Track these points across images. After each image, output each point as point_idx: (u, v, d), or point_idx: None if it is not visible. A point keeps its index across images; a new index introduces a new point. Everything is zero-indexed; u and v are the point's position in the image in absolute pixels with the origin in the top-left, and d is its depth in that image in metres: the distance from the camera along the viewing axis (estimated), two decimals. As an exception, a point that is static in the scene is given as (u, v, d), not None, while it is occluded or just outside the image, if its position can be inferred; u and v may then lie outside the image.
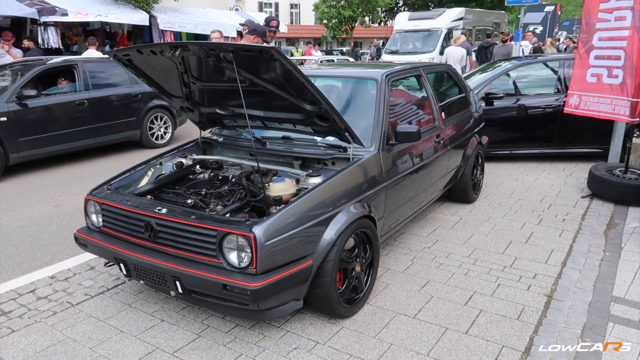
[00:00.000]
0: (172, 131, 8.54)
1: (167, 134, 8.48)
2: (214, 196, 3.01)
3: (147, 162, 3.55)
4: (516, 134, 6.69)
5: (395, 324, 2.94)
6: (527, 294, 3.27)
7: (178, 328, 2.92)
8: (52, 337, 2.84)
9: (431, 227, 4.46)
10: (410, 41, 17.59)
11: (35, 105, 6.56)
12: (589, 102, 5.30)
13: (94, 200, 3.05)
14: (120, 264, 2.86)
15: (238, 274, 2.47)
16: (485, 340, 2.77)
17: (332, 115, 2.92)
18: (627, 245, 3.98)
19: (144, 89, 7.81)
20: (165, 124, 8.42)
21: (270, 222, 2.50)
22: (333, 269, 2.76)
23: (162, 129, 8.38)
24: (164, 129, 8.43)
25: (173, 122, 8.56)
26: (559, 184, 5.71)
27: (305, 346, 2.74)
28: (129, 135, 7.88)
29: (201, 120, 3.75)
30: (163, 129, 8.40)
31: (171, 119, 8.50)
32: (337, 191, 2.89)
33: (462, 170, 4.80)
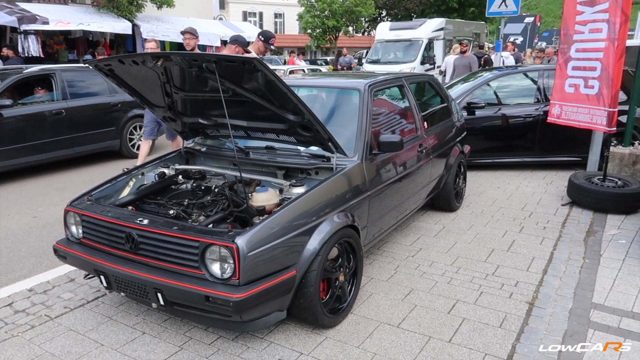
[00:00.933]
0: (153, 141, 8.35)
1: None
2: (197, 206, 2.99)
3: (128, 173, 3.51)
4: (497, 143, 6.78)
5: (379, 333, 2.94)
6: (509, 302, 3.30)
7: (160, 341, 2.88)
8: (30, 351, 2.78)
9: (414, 236, 4.49)
10: (392, 51, 17.67)
11: (11, 115, 6.41)
12: (569, 112, 5.41)
13: (74, 212, 3.00)
14: (100, 276, 2.82)
15: (221, 285, 2.45)
16: (469, 349, 2.78)
17: (315, 125, 2.93)
18: (606, 253, 4.04)
19: (123, 98, 7.70)
20: None
21: (254, 232, 2.49)
22: (317, 279, 2.75)
23: (142, 138, 8.03)
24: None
25: None
26: (540, 192, 5.80)
27: (289, 357, 2.72)
28: (108, 145, 7.75)
29: (184, 130, 3.73)
30: (143, 138, 8.21)
31: None
32: (321, 201, 2.90)
33: (444, 179, 4.84)
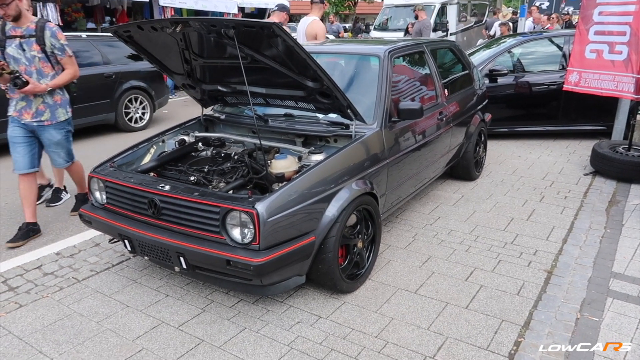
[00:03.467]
0: (151, 114, 8.18)
1: (146, 116, 8.10)
2: (217, 173, 3.02)
3: (149, 140, 3.55)
4: (520, 111, 6.65)
5: (397, 299, 2.99)
6: (527, 270, 3.30)
7: (183, 303, 2.97)
8: (59, 311, 2.90)
9: (433, 205, 4.48)
10: (402, 17, 16.38)
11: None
12: (589, 79, 5.25)
13: (98, 178, 3.06)
14: (124, 241, 2.90)
15: (241, 249, 2.49)
16: (485, 315, 2.81)
17: (334, 92, 2.91)
18: (629, 222, 3.99)
19: (118, 68, 7.48)
20: (143, 107, 8.02)
21: (273, 198, 2.52)
22: (335, 245, 2.78)
23: (139, 111, 7.99)
24: (142, 111, 8.04)
25: (151, 104, 8.14)
26: (562, 162, 5.70)
27: (307, 320, 2.78)
28: (102, 119, 7.46)
29: (203, 97, 3.74)
30: (140, 111, 8.01)
31: (149, 101, 8.08)
32: (339, 168, 2.90)
33: (464, 148, 4.79)
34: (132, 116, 7.89)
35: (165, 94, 8.61)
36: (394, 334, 2.64)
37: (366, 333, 2.66)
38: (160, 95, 8.42)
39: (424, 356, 2.47)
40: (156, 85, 8.27)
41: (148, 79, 8.05)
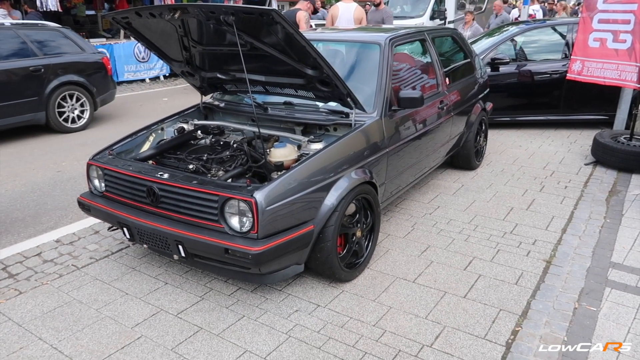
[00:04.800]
0: (91, 113, 7.14)
1: (85, 114, 7.05)
2: (216, 161, 3.01)
3: (148, 128, 3.54)
4: (521, 100, 6.61)
5: (395, 287, 2.99)
6: (526, 260, 3.30)
7: (181, 291, 2.97)
8: (59, 298, 2.91)
9: (433, 194, 4.47)
10: (398, 4, 16.07)
11: None
12: (592, 68, 5.20)
13: (96, 165, 3.06)
14: (123, 229, 2.90)
15: (240, 238, 2.49)
16: (483, 304, 2.81)
17: (334, 80, 2.88)
18: (628, 212, 3.99)
19: (47, 61, 6.49)
20: (81, 104, 6.98)
21: (272, 187, 2.51)
22: (334, 234, 2.78)
23: (76, 110, 6.93)
24: (80, 109, 6.99)
25: (92, 101, 7.10)
26: (563, 151, 5.68)
27: (306, 309, 2.79)
28: (29, 119, 6.41)
29: (202, 85, 3.72)
30: (78, 110, 6.96)
31: (89, 98, 7.06)
32: (339, 157, 2.89)
33: (465, 137, 4.77)
34: (68, 116, 6.85)
35: (110, 90, 7.55)
36: (392, 323, 2.65)
37: (364, 321, 2.67)
38: (103, 91, 7.37)
39: (421, 345, 2.48)
40: (98, 80, 7.21)
41: (87, 73, 7.04)
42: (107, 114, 7.98)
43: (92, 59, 7.24)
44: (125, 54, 10.84)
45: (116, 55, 10.65)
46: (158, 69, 11.60)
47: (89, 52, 7.25)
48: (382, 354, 2.41)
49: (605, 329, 2.57)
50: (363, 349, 2.45)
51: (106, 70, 7.40)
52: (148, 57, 11.26)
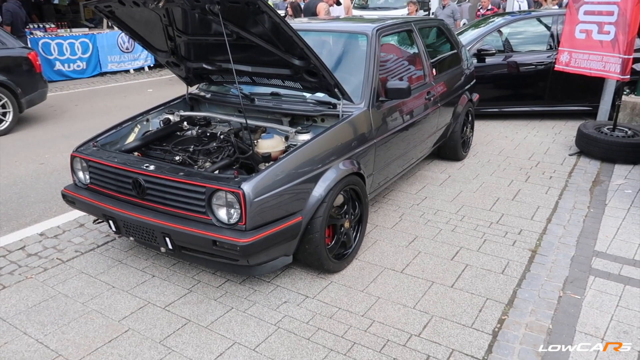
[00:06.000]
0: (15, 114, 6.34)
1: (8, 117, 6.26)
2: (202, 153, 2.98)
3: (133, 119, 3.49)
4: (507, 91, 6.65)
5: (383, 278, 3.00)
6: (512, 249, 3.34)
7: (169, 283, 2.95)
8: (44, 292, 2.87)
9: (420, 185, 4.49)
10: None
11: None
12: (579, 59, 5.25)
13: (80, 157, 3.01)
14: (109, 221, 2.86)
15: (227, 230, 2.48)
16: (470, 294, 2.84)
17: (321, 70, 2.87)
18: (612, 202, 4.05)
19: None
20: (2, 106, 6.21)
21: (259, 178, 2.50)
22: (322, 225, 2.78)
23: None
24: (1, 112, 6.22)
25: (16, 103, 6.30)
26: (548, 142, 5.74)
27: (295, 300, 2.79)
28: None
29: (188, 75, 3.67)
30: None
31: (12, 100, 6.26)
32: (327, 148, 2.88)
33: (451, 128, 4.79)
34: None
35: (39, 89, 6.73)
36: (380, 313, 2.67)
37: (352, 312, 2.68)
38: (30, 90, 6.55)
39: (409, 334, 2.49)
40: (23, 78, 6.41)
41: (9, 71, 6.28)
42: (87, 106, 7.87)
43: (15, 54, 6.39)
44: (108, 44, 10.67)
45: (99, 45, 10.48)
46: (142, 59, 11.44)
47: (12, 46, 6.41)
48: (370, 343, 2.43)
49: (589, 317, 2.62)
50: (352, 339, 2.46)
51: (34, 67, 6.55)
52: (132, 48, 11.09)
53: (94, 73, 10.54)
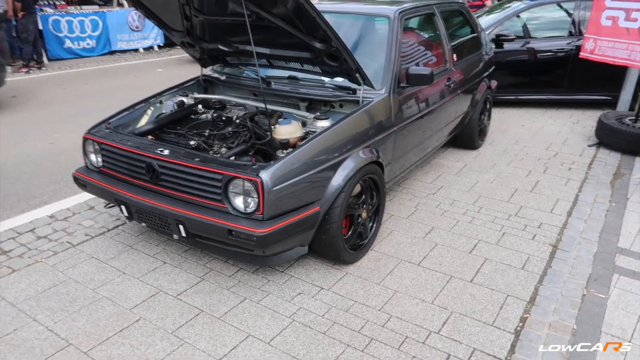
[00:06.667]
0: None
1: None
2: (218, 138, 2.89)
3: (146, 101, 3.39)
4: (524, 78, 6.48)
5: (400, 270, 2.93)
6: (532, 244, 3.24)
7: (181, 271, 2.89)
8: (54, 277, 2.81)
9: (435, 174, 4.39)
10: None
11: None
12: (604, 47, 5.07)
13: (93, 140, 2.92)
14: (121, 206, 2.79)
15: (244, 219, 2.40)
16: (490, 289, 2.76)
17: (343, 54, 2.74)
18: (634, 196, 3.93)
19: None
20: None
21: (278, 166, 2.40)
22: (340, 216, 2.69)
23: None
24: None
25: None
26: (566, 132, 5.60)
27: (309, 291, 2.72)
28: None
29: (202, 56, 3.56)
30: None
31: None
32: (346, 135, 2.78)
33: (469, 116, 4.66)
34: None
35: None
36: (398, 308, 2.59)
37: (369, 306, 2.60)
38: None
39: (428, 331, 2.42)
40: None
41: None
42: (97, 85, 7.76)
43: None
44: (118, 22, 10.50)
45: (109, 23, 10.32)
46: (152, 38, 11.28)
47: None
48: (388, 340, 2.36)
49: (614, 318, 2.53)
50: (369, 334, 2.39)
51: None
52: (142, 26, 10.93)
53: (104, 51, 10.41)
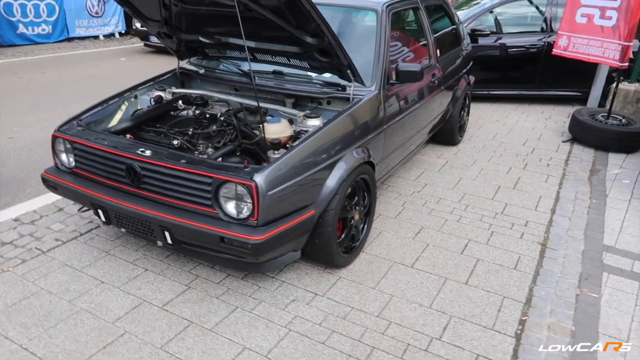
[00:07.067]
0: None
1: None
2: (202, 137, 2.71)
3: (120, 95, 3.16)
4: (497, 74, 6.51)
5: (394, 273, 2.85)
6: (521, 242, 3.23)
7: (164, 278, 2.71)
8: (24, 288, 2.58)
9: (418, 170, 4.34)
10: None
11: None
12: (578, 44, 5.13)
13: (64, 138, 2.69)
14: (98, 210, 2.58)
15: (237, 225, 2.25)
16: (486, 291, 2.72)
17: (336, 50, 2.62)
18: (612, 193, 3.99)
19: None
20: None
21: (272, 169, 2.26)
22: (334, 219, 2.58)
23: None
24: None
25: None
26: (540, 127, 5.66)
27: (303, 298, 2.60)
28: None
29: (180, 48, 3.35)
30: None
31: None
32: (340, 135, 2.66)
33: (450, 112, 4.62)
34: None
35: None
36: (396, 313, 2.51)
37: (367, 312, 2.51)
38: None
39: (430, 337, 2.35)
40: None
41: None
42: (56, 74, 7.32)
43: None
44: (76, 7, 9.98)
45: (66, 8, 9.79)
46: (113, 25, 10.79)
47: None
48: (390, 348, 2.27)
49: (609, 317, 2.53)
50: (370, 343, 2.30)
51: None
52: (102, 12, 10.43)
53: (61, 38, 9.87)
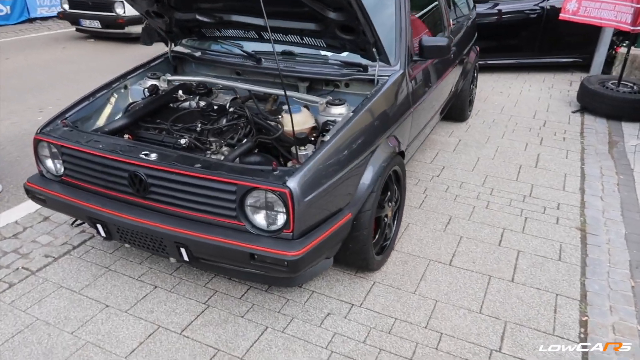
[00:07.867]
0: None
1: None
2: (212, 133, 2.35)
3: (107, 86, 2.75)
4: (496, 42, 6.21)
5: (432, 273, 2.57)
6: (558, 229, 2.99)
7: (178, 296, 2.38)
8: (16, 320, 2.21)
9: (432, 152, 4.05)
10: None
11: None
12: (590, 8, 4.85)
13: (49, 142, 2.29)
14: (96, 225, 2.21)
15: (268, 239, 1.92)
16: (536, 289, 2.47)
17: (363, 25, 2.26)
18: (637, 167, 3.79)
19: None
20: None
21: (306, 170, 1.93)
22: (370, 220, 2.28)
23: None
24: None
25: None
26: (545, 98, 5.42)
27: (339, 310, 2.31)
28: None
29: (171, 29, 2.93)
30: None
31: None
32: (372, 124, 2.33)
33: (460, 86, 4.31)
34: None
35: None
36: (445, 322, 2.24)
37: (413, 323, 2.24)
38: None
39: (489, 350, 2.10)
40: None
41: None
42: (20, 59, 6.71)
43: None
44: (35, -16, 9.23)
45: (25, -14, 9.04)
46: (77, 3, 10.02)
47: None
48: (449, 367, 2.01)
49: (675, 312, 2.32)
50: (426, 362, 2.03)
51: None
52: (65, -11, 9.66)
53: (21, 19, 9.14)
